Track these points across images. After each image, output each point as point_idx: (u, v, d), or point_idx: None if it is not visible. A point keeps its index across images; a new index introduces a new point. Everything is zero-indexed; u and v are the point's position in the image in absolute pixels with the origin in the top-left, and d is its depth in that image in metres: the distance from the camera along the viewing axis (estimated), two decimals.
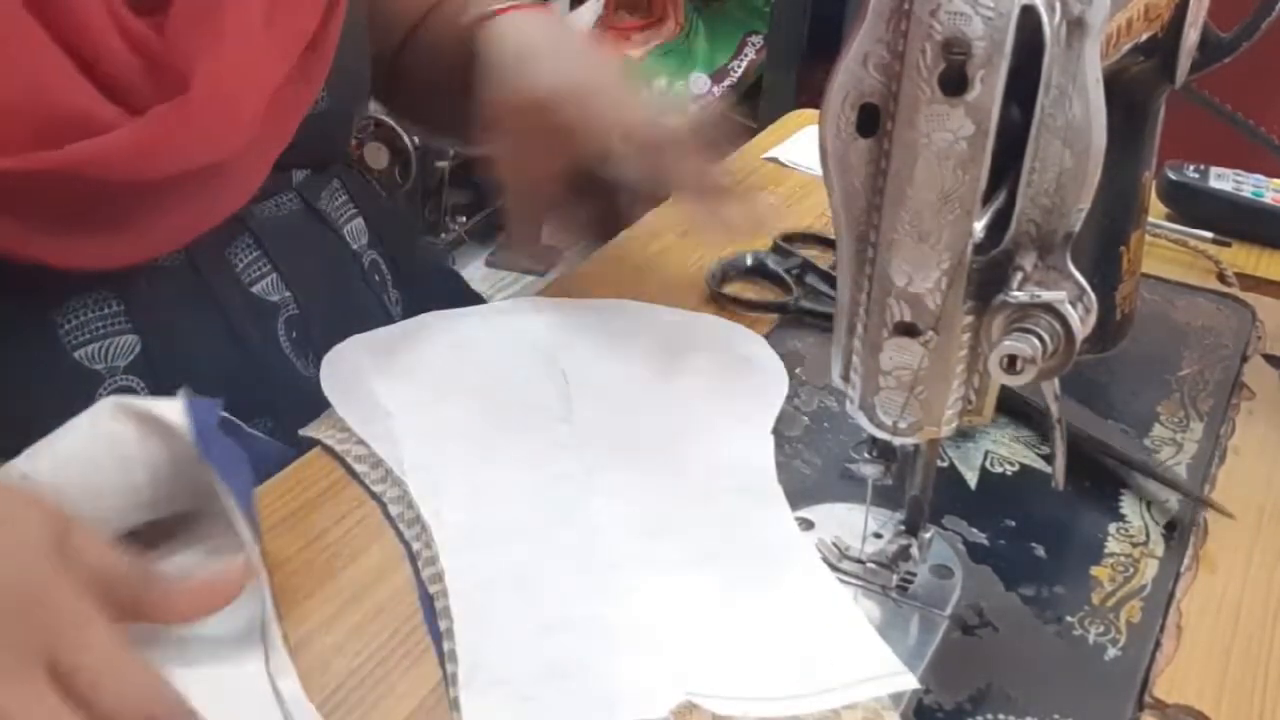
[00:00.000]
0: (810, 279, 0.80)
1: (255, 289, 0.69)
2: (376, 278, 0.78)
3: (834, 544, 0.56)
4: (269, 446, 0.61)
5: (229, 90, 0.61)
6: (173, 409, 0.52)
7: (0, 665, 0.41)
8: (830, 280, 0.77)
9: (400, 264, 0.81)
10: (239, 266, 0.69)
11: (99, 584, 0.45)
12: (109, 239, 0.61)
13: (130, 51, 0.58)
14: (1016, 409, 0.67)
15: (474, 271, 2.38)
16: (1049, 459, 0.64)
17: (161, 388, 0.64)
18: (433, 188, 2.35)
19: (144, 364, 0.64)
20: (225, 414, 0.55)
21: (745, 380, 0.69)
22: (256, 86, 0.62)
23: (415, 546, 0.55)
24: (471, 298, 0.87)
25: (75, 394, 0.62)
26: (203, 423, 0.52)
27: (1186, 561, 0.58)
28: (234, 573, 0.49)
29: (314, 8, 0.67)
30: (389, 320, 0.77)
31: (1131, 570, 0.57)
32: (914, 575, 0.55)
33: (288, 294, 0.71)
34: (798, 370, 0.72)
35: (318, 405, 0.67)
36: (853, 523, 0.56)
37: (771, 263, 0.81)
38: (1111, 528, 0.60)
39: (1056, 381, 0.48)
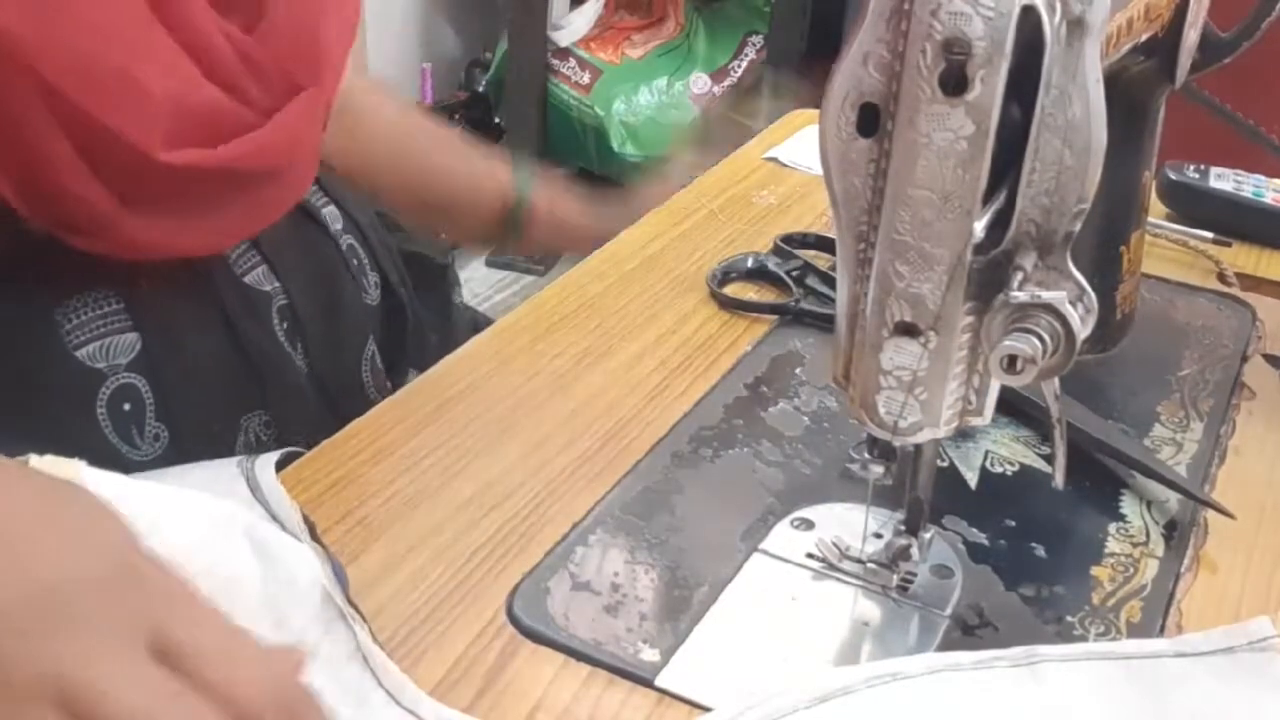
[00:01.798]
0: (810, 280, 0.80)
1: (247, 279, 0.70)
2: (355, 262, 0.78)
3: (834, 544, 0.56)
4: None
5: (335, 84, 0.66)
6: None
7: (98, 641, 0.37)
8: (830, 281, 0.77)
9: (375, 248, 0.81)
10: (231, 257, 0.69)
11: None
12: (205, 223, 0.63)
13: (234, 54, 0.60)
14: (1017, 409, 0.67)
15: (474, 271, 2.38)
16: (1049, 459, 0.64)
17: (161, 385, 0.64)
18: None
19: (144, 362, 0.64)
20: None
21: None
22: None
23: None
24: (440, 272, 0.89)
25: (77, 393, 0.62)
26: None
27: (1186, 562, 0.58)
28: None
29: None
30: (369, 308, 0.78)
31: (1131, 570, 0.57)
32: (914, 575, 0.55)
33: (277, 284, 0.71)
34: (798, 370, 0.72)
35: (311, 398, 0.67)
36: (853, 523, 0.57)
37: (772, 264, 0.81)
38: (1111, 528, 0.60)
39: (1056, 381, 0.48)
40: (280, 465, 0.59)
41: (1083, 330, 0.44)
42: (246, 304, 0.69)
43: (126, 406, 0.64)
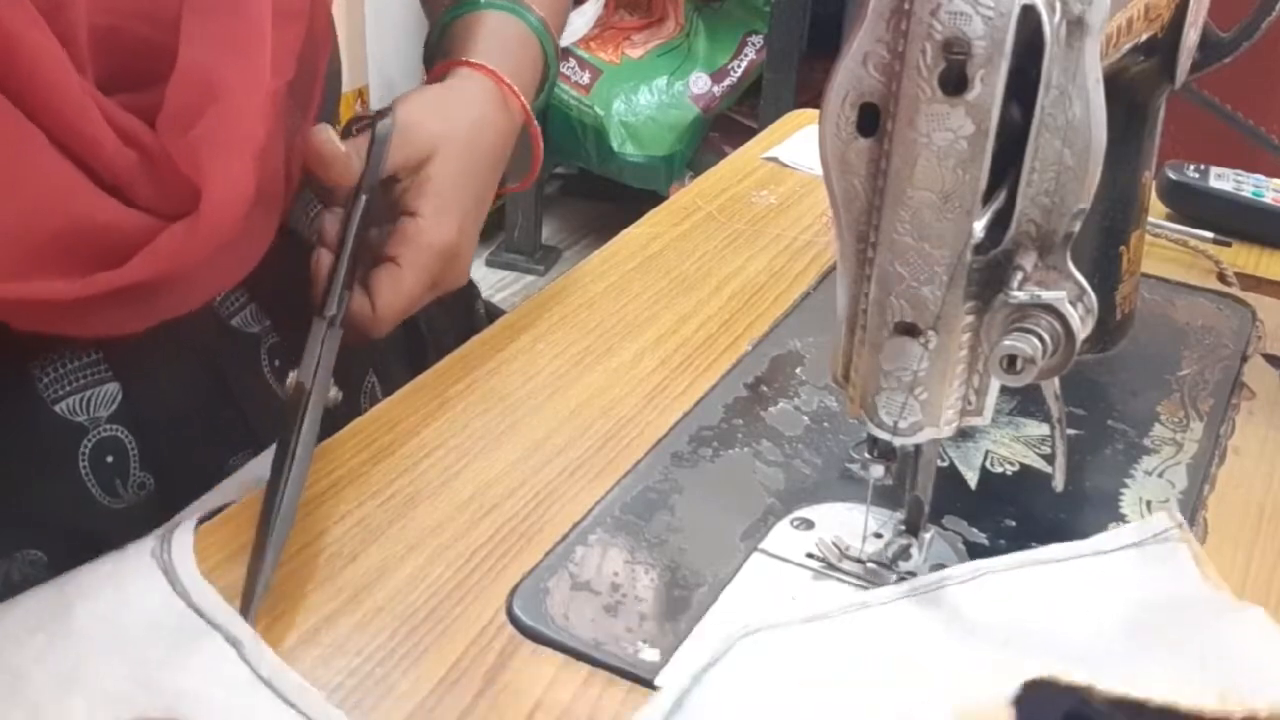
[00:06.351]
0: None
1: (234, 322, 0.67)
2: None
3: (834, 544, 0.56)
4: None
5: (241, 184, 0.57)
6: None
7: None
8: None
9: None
10: (216, 301, 0.66)
11: None
12: (135, 311, 0.58)
13: (123, 144, 0.55)
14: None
15: (474, 271, 2.38)
16: (1049, 459, 0.64)
17: (145, 436, 0.62)
18: None
19: (126, 413, 0.62)
20: None
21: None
22: (258, 156, 0.58)
23: None
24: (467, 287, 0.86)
25: (58, 449, 0.60)
26: None
27: None
28: None
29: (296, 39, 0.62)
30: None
31: None
32: (914, 575, 0.55)
33: (268, 323, 0.69)
34: (798, 370, 0.72)
35: None
36: (853, 523, 0.56)
37: None
38: (1111, 527, 0.60)
39: (1056, 381, 0.48)
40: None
41: (1083, 330, 0.44)
42: (233, 347, 0.67)
43: (109, 459, 0.61)
